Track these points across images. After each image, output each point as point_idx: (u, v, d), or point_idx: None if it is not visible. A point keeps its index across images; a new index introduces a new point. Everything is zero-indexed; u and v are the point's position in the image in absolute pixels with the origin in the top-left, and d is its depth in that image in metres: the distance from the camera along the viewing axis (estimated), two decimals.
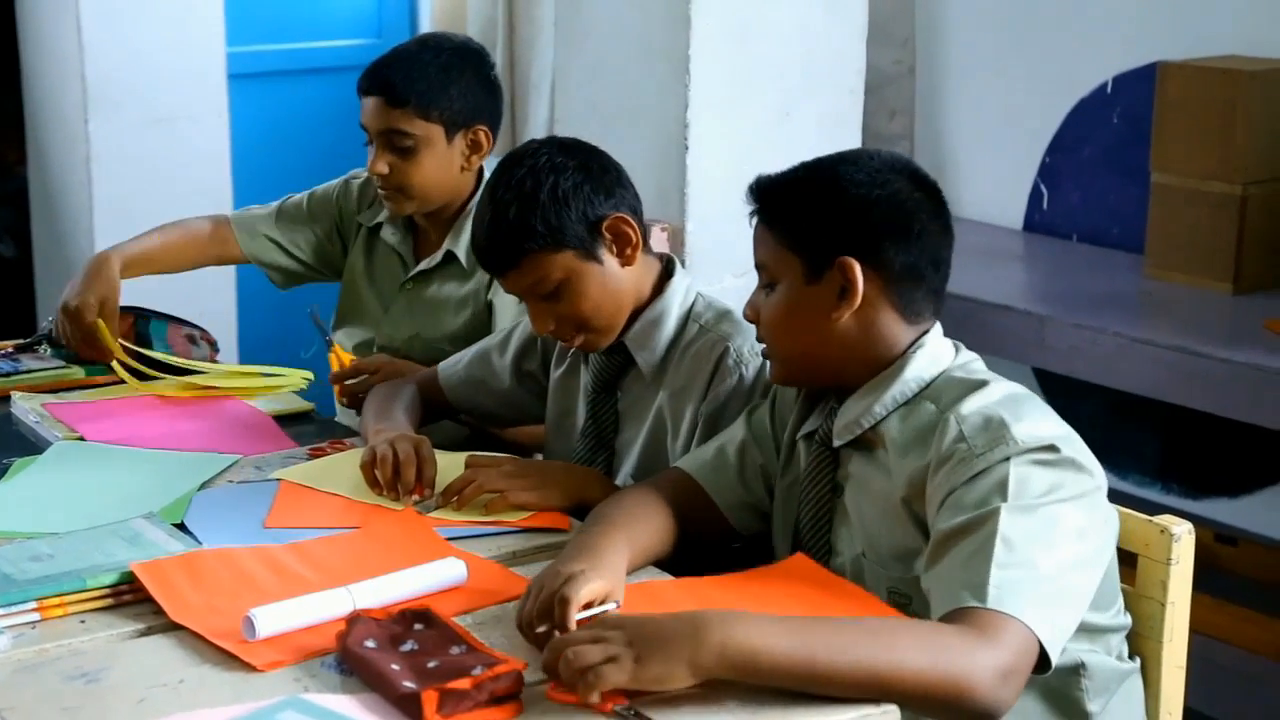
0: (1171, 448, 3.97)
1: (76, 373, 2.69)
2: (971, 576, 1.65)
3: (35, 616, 1.77)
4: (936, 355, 1.89)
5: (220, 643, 1.70)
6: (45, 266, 4.49)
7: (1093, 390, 3.47)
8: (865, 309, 1.88)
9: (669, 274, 2.28)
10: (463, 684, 1.55)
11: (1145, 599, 1.94)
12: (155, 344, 2.76)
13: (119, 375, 2.63)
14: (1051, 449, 1.74)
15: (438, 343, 2.70)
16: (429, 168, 2.65)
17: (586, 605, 1.69)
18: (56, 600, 1.78)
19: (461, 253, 2.70)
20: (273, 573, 1.88)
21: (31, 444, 2.41)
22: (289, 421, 2.52)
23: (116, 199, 4.11)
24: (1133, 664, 1.92)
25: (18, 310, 4.60)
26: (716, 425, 2.15)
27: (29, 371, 2.68)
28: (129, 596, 1.82)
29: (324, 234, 2.91)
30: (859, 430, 1.89)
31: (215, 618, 1.75)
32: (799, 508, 1.97)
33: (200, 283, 3.86)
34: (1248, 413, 3.20)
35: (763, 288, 1.95)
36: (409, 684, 1.57)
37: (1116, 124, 4.04)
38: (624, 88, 2.93)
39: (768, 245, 1.93)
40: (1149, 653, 1.94)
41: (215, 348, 2.84)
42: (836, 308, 1.88)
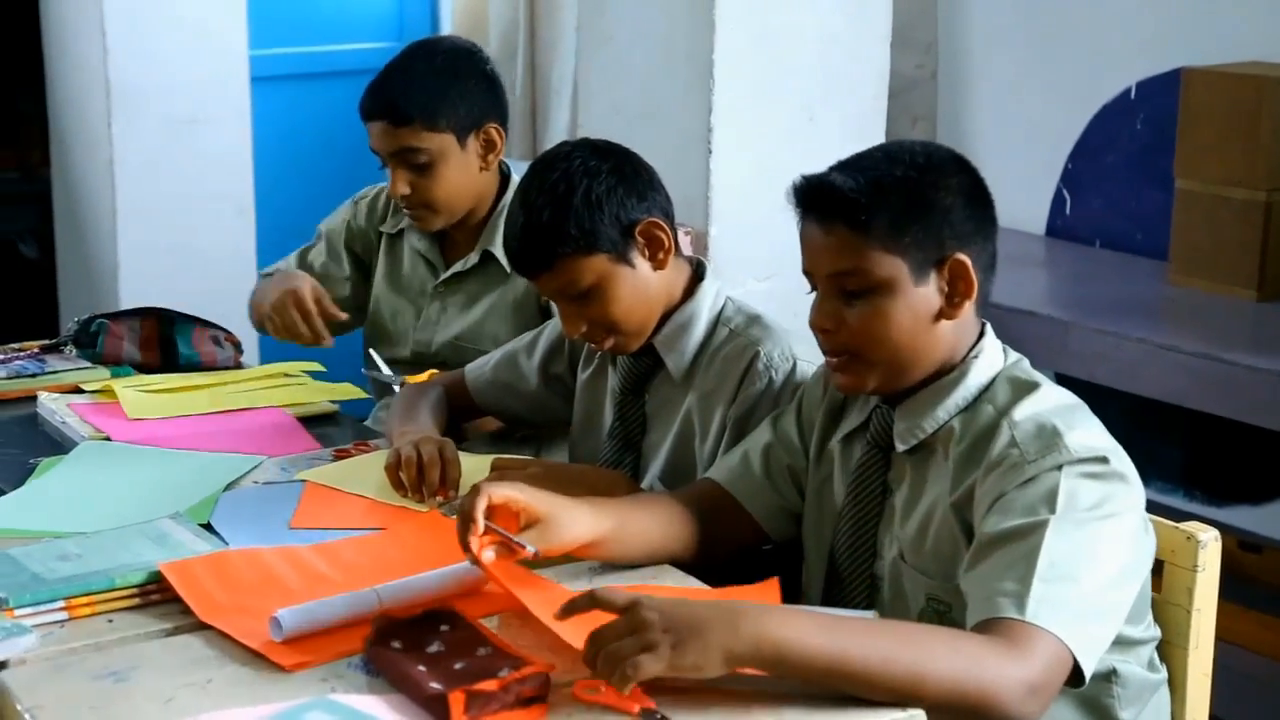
0: (1195, 454, 3.94)
1: (102, 374, 2.69)
2: (1013, 586, 1.63)
3: (63, 615, 1.77)
4: (993, 357, 1.87)
5: (248, 643, 1.70)
6: (68, 268, 4.50)
7: (1115, 396, 3.45)
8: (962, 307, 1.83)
9: (699, 277, 2.28)
10: (490, 685, 1.55)
11: (1171, 606, 1.93)
12: (180, 346, 2.76)
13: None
14: (1102, 460, 1.73)
15: (485, 347, 2.62)
16: (450, 178, 2.63)
17: (504, 519, 1.77)
18: (84, 599, 1.79)
19: (499, 253, 2.65)
20: (299, 573, 1.88)
21: (58, 444, 2.42)
22: (314, 423, 2.53)
23: (139, 201, 4.13)
24: (1162, 674, 1.91)
25: (41, 311, 4.62)
26: (745, 429, 2.15)
27: (55, 372, 2.69)
28: (156, 596, 1.83)
29: (354, 271, 2.88)
30: (922, 435, 1.85)
31: (243, 618, 1.75)
32: (842, 509, 1.95)
33: (223, 284, 3.90)
34: (1272, 419, 3.18)
35: (835, 296, 1.83)
36: (436, 685, 1.57)
37: (1140, 129, 4.02)
38: (647, 91, 2.93)
39: (852, 249, 1.80)
40: (1175, 660, 1.93)
41: (239, 349, 2.84)
42: (947, 307, 1.82)
